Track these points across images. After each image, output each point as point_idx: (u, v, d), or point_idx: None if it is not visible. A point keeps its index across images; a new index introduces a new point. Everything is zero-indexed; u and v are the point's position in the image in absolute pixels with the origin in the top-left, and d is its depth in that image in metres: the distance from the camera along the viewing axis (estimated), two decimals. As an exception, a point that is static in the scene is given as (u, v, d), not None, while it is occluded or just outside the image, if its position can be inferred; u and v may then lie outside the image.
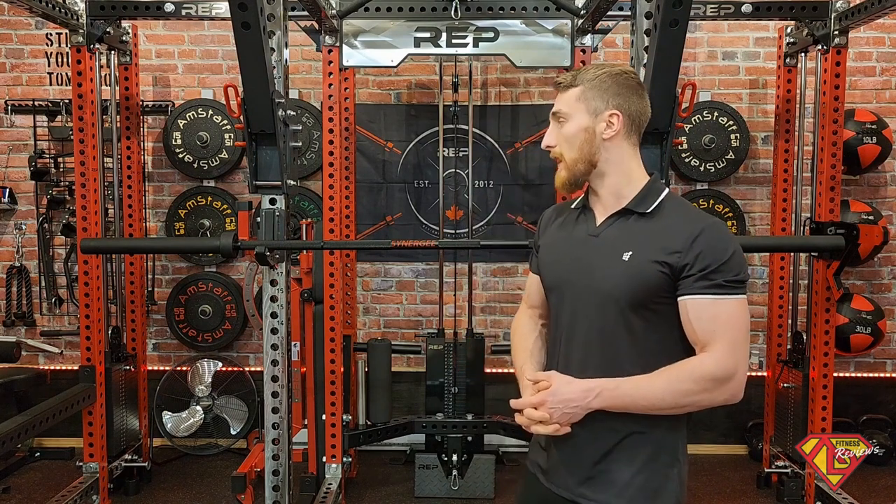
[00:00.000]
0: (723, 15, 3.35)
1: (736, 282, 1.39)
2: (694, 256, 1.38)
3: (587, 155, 1.48)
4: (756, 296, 4.23)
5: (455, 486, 3.57)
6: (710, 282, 1.37)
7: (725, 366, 1.37)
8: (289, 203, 2.65)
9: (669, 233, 1.42)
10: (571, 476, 1.49)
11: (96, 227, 3.31)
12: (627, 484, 1.44)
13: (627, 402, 1.39)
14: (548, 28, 3.28)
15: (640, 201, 1.48)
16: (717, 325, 1.38)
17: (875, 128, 3.86)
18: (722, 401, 1.40)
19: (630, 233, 1.46)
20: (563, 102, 1.50)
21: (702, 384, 1.37)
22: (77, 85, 3.25)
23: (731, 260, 1.38)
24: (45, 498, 3.35)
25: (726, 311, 1.38)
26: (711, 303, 1.38)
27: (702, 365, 1.38)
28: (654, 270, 1.40)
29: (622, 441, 1.45)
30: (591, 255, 1.49)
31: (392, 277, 4.32)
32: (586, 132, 1.47)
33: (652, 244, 1.42)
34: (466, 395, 3.75)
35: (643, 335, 1.43)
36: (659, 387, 1.38)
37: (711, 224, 1.42)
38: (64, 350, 4.27)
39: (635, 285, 1.41)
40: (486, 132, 4.19)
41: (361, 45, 3.31)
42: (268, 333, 2.69)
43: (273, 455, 2.73)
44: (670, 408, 1.40)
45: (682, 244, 1.39)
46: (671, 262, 1.39)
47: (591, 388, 1.40)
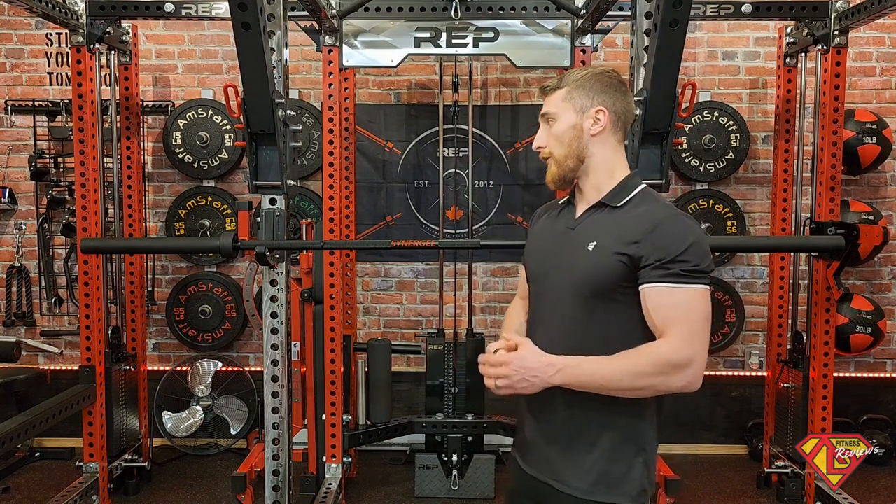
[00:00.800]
0: (723, 15, 3.35)
1: (694, 271, 1.42)
2: (651, 246, 1.42)
3: (576, 151, 1.55)
4: (756, 296, 4.24)
5: (455, 486, 3.57)
6: (667, 271, 1.41)
7: (682, 353, 1.40)
8: (289, 203, 2.65)
9: (631, 224, 1.47)
10: (543, 459, 1.56)
11: (96, 227, 3.31)
12: (591, 470, 1.49)
13: (586, 381, 1.43)
14: (548, 28, 3.28)
15: (615, 195, 1.54)
16: (675, 313, 1.41)
17: (875, 128, 3.86)
18: (678, 388, 1.42)
19: (599, 224, 1.53)
20: (550, 104, 1.58)
21: (658, 368, 1.40)
22: (77, 85, 3.25)
23: (689, 250, 1.41)
24: (45, 498, 3.35)
25: (684, 299, 1.41)
26: (669, 291, 1.42)
27: (658, 350, 1.41)
28: (614, 260, 1.45)
29: (589, 428, 1.50)
30: (565, 247, 1.56)
31: (392, 277, 4.32)
32: (574, 129, 1.54)
33: (614, 235, 1.47)
34: (466, 395, 3.75)
35: (608, 323, 1.48)
36: (617, 368, 1.41)
37: (672, 216, 1.46)
38: (64, 350, 4.27)
39: (597, 275, 1.47)
40: (486, 132, 4.19)
41: (361, 45, 3.31)
42: (268, 333, 2.69)
43: (273, 455, 2.73)
44: (627, 389, 1.42)
45: (641, 235, 1.44)
46: (630, 252, 1.44)
47: (554, 364, 1.43)
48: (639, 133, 2.52)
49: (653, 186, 2.54)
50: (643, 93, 2.47)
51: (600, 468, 1.49)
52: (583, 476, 1.50)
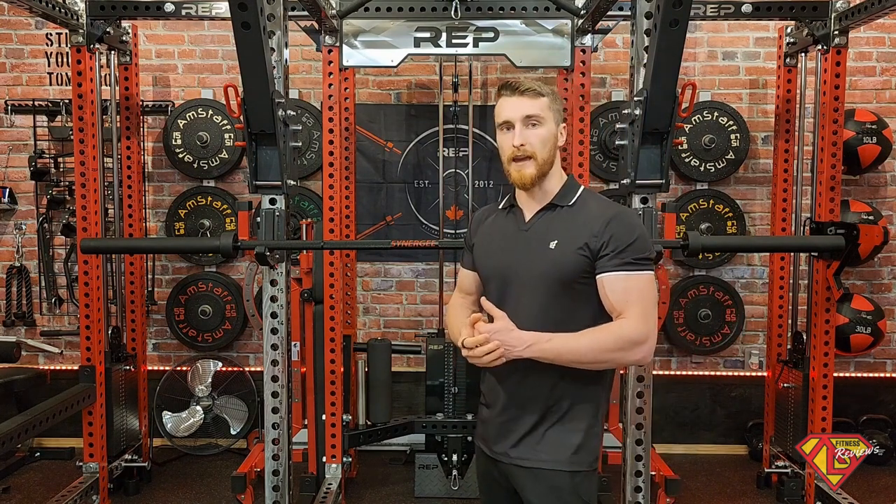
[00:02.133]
0: (723, 15, 3.35)
1: (643, 259, 1.64)
2: (607, 238, 1.63)
3: (552, 157, 1.73)
4: (756, 296, 4.24)
5: (455, 486, 3.57)
6: (621, 260, 1.62)
7: (640, 330, 1.61)
8: (289, 203, 2.65)
9: (587, 221, 1.68)
10: (508, 441, 1.73)
11: (96, 227, 3.31)
12: (557, 442, 1.69)
13: (554, 354, 1.61)
14: (548, 28, 3.28)
15: (563, 196, 1.75)
16: (630, 296, 1.62)
17: (875, 128, 3.86)
18: (634, 361, 1.66)
19: (554, 224, 1.72)
20: (537, 107, 1.71)
21: (619, 343, 1.60)
22: (77, 85, 3.25)
23: (638, 241, 1.64)
24: (45, 498, 3.35)
25: (637, 284, 1.63)
26: (624, 277, 1.63)
27: (620, 328, 1.62)
28: (576, 255, 1.65)
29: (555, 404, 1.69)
30: (523, 246, 1.73)
31: (392, 277, 4.32)
32: (554, 137, 1.73)
33: (573, 232, 1.68)
34: (466, 395, 3.74)
35: (571, 309, 1.68)
36: (584, 343, 1.61)
37: (621, 211, 1.70)
38: (64, 350, 4.27)
39: (561, 268, 1.66)
40: (486, 132, 4.19)
41: (361, 45, 3.31)
42: (268, 333, 2.70)
43: (273, 455, 2.73)
44: (592, 362, 1.62)
45: (598, 229, 1.65)
46: (590, 244, 1.65)
47: (525, 340, 1.61)
48: (639, 133, 2.52)
49: (653, 186, 2.60)
50: (643, 93, 2.47)
51: (568, 440, 1.68)
52: (549, 449, 1.68)
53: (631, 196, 2.64)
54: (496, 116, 1.75)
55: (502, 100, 1.73)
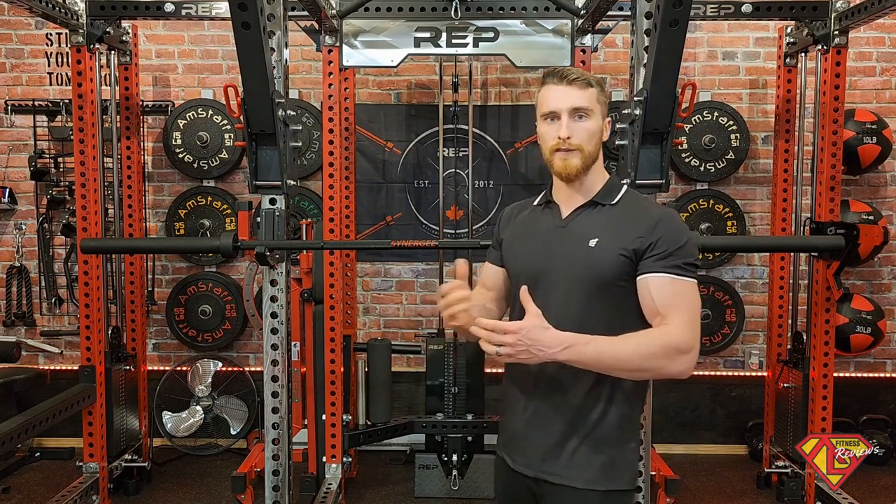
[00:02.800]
0: (723, 15, 3.35)
1: (691, 265, 1.54)
2: (656, 240, 1.52)
3: (597, 151, 1.63)
4: (756, 296, 4.24)
5: (455, 486, 3.57)
6: (669, 262, 1.51)
7: (687, 339, 1.49)
8: (289, 203, 2.65)
9: (632, 220, 1.57)
10: (535, 454, 1.60)
11: (96, 227, 3.31)
12: (587, 460, 1.55)
13: (593, 359, 1.47)
14: (548, 28, 3.28)
15: (605, 195, 1.64)
16: (677, 301, 1.51)
17: (875, 128, 3.86)
18: (676, 372, 1.49)
19: (595, 222, 1.61)
20: (586, 99, 1.59)
21: (666, 350, 1.47)
22: (77, 85, 3.25)
23: (687, 245, 1.54)
24: (45, 498, 3.35)
25: (685, 291, 1.52)
26: (671, 281, 1.51)
27: (668, 334, 1.49)
28: (616, 255, 1.54)
29: (584, 417, 1.56)
30: (560, 244, 1.62)
31: (392, 277, 4.32)
32: (600, 132, 1.63)
33: (616, 231, 1.57)
34: (466, 395, 3.75)
35: (607, 313, 1.56)
36: (627, 349, 1.47)
37: (669, 212, 1.59)
38: (64, 350, 4.27)
39: (601, 268, 1.55)
40: (486, 132, 4.19)
41: (361, 45, 3.31)
42: (268, 333, 2.69)
43: (273, 455, 2.73)
44: (633, 370, 1.49)
45: (645, 230, 1.54)
46: (634, 245, 1.53)
47: (563, 341, 1.45)
48: (639, 133, 2.52)
49: (653, 186, 2.59)
50: (643, 93, 2.47)
51: (599, 458, 1.55)
52: (580, 466, 1.55)
53: (631, 196, 2.64)
54: (539, 106, 1.64)
55: (547, 88, 1.62)
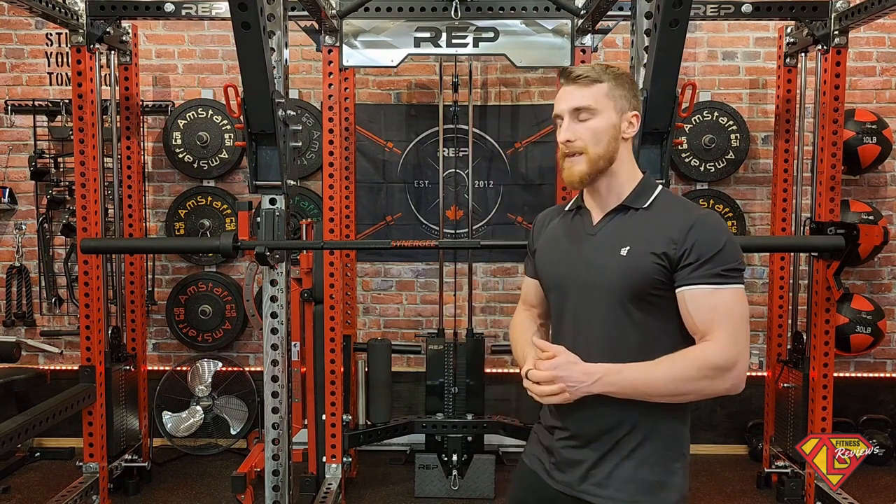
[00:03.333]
0: (723, 15, 3.35)
1: (732, 270, 1.41)
2: (689, 247, 1.41)
3: (611, 152, 1.51)
4: (756, 296, 4.24)
5: (455, 486, 3.57)
6: (706, 271, 1.40)
7: (727, 354, 1.38)
8: (289, 203, 2.65)
9: (665, 225, 1.45)
10: (575, 472, 1.50)
11: (96, 227, 3.31)
12: (630, 478, 1.46)
13: (628, 389, 1.41)
14: (548, 28, 3.28)
15: (637, 197, 1.52)
16: (716, 315, 1.40)
17: (875, 128, 3.86)
18: (724, 390, 1.41)
19: (627, 228, 1.50)
20: (591, 98, 1.50)
21: (703, 372, 1.38)
22: (77, 85, 3.25)
23: (725, 249, 1.41)
24: (45, 498, 3.35)
25: (724, 300, 1.40)
26: (709, 293, 1.40)
27: (703, 353, 1.40)
28: (650, 263, 1.43)
29: (626, 436, 1.46)
30: (590, 253, 1.52)
31: (392, 277, 4.32)
32: (614, 129, 1.50)
33: (648, 237, 1.45)
34: (466, 395, 3.75)
35: (645, 326, 1.46)
36: (661, 373, 1.39)
37: (705, 215, 1.46)
38: (64, 350, 4.27)
39: (634, 278, 1.44)
40: (486, 132, 4.19)
41: (361, 45, 3.31)
42: (268, 333, 2.69)
43: (273, 455, 2.73)
44: (671, 395, 1.41)
45: (678, 236, 1.42)
46: (668, 253, 1.42)
47: (593, 373, 1.41)
48: (639, 133, 2.50)
49: (652, 186, 2.58)
50: (643, 93, 2.47)
51: (642, 477, 1.46)
52: (623, 486, 1.46)
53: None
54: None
55: (559, 89, 1.54)
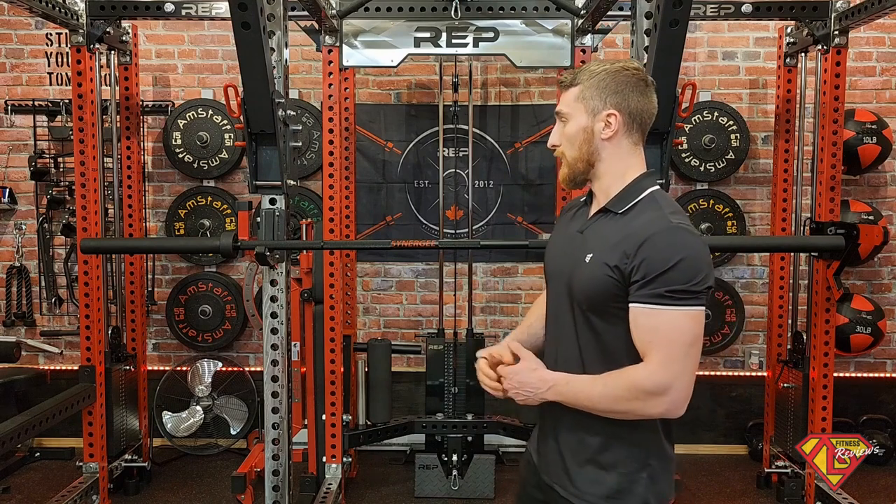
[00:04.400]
0: (723, 15, 3.35)
1: (680, 292, 1.32)
2: (638, 263, 1.34)
3: (586, 154, 1.48)
4: (756, 296, 4.24)
5: (455, 486, 3.57)
6: (650, 290, 1.33)
7: (656, 379, 1.34)
8: (289, 203, 2.65)
9: (626, 236, 1.39)
10: (553, 468, 1.54)
11: (96, 227, 3.31)
12: (594, 481, 1.47)
13: (572, 400, 1.43)
14: (548, 28, 3.28)
15: (618, 201, 1.47)
16: (654, 337, 1.35)
17: (875, 128, 3.86)
18: (657, 414, 1.38)
19: (598, 233, 1.47)
20: (564, 102, 1.50)
21: (633, 393, 1.36)
22: (77, 85, 3.25)
23: (675, 269, 1.32)
24: (45, 498, 3.35)
25: (666, 322, 1.33)
26: (652, 312, 1.34)
27: (634, 374, 1.36)
28: (605, 275, 1.39)
29: (593, 440, 1.46)
30: (570, 252, 1.51)
31: (392, 277, 4.32)
32: (585, 132, 1.47)
33: (608, 247, 1.41)
34: (466, 395, 3.75)
35: (605, 337, 1.44)
36: (597, 390, 1.40)
37: (665, 229, 1.36)
38: (64, 350, 4.26)
39: (591, 288, 1.42)
40: (486, 132, 4.19)
41: (361, 45, 3.31)
42: (268, 333, 2.69)
43: (273, 455, 2.73)
44: (607, 412, 1.41)
45: (631, 249, 1.36)
46: (620, 266, 1.37)
47: (547, 381, 1.45)
48: (639, 132, 2.52)
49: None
50: (643, 93, 2.47)
51: (603, 480, 1.46)
52: (586, 486, 1.47)
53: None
54: None
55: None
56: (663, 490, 1.48)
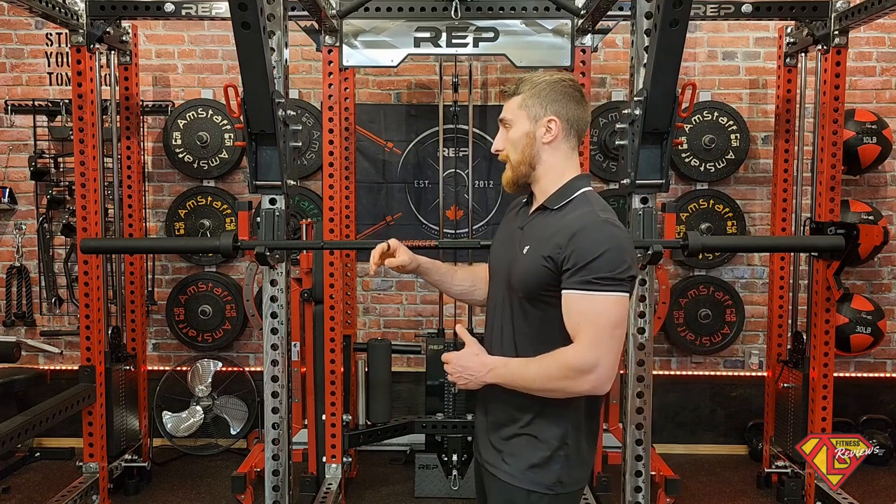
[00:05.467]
0: (723, 15, 3.35)
1: (606, 279, 1.47)
2: (569, 253, 1.49)
3: (528, 157, 1.62)
4: (756, 296, 4.24)
5: (455, 486, 3.57)
6: (580, 278, 1.48)
7: (585, 358, 1.47)
8: (289, 203, 2.65)
9: (558, 229, 1.54)
10: (483, 443, 1.68)
11: (96, 227, 3.31)
12: (517, 456, 1.59)
13: (510, 381, 1.55)
14: (548, 28, 3.28)
15: (555, 199, 1.62)
16: (583, 320, 1.48)
17: (875, 128, 3.86)
18: (585, 390, 1.50)
19: (536, 228, 1.61)
20: (507, 109, 1.64)
21: (563, 372, 1.49)
22: (77, 85, 3.25)
23: (602, 258, 1.46)
24: (45, 498, 3.35)
25: (593, 306, 1.47)
26: (580, 298, 1.49)
27: (564, 355, 1.49)
28: (540, 265, 1.53)
29: (518, 419, 1.59)
30: (510, 246, 1.66)
31: (392, 277, 4.32)
32: (528, 136, 1.61)
33: (544, 240, 1.55)
34: (466, 395, 3.74)
35: (540, 324, 1.57)
36: (532, 370, 1.52)
37: (593, 223, 1.51)
38: (64, 350, 4.27)
39: (527, 278, 1.56)
40: (486, 132, 4.19)
41: (361, 45, 3.31)
42: (268, 333, 2.69)
43: (273, 455, 2.73)
44: (541, 390, 1.53)
45: (563, 241, 1.50)
46: (553, 257, 1.51)
47: (487, 364, 1.58)
48: (639, 133, 2.52)
49: (653, 186, 2.59)
50: (643, 93, 2.47)
51: (525, 456, 1.58)
52: (510, 462, 1.59)
53: (631, 196, 2.64)
54: None
55: None
56: (576, 474, 1.61)
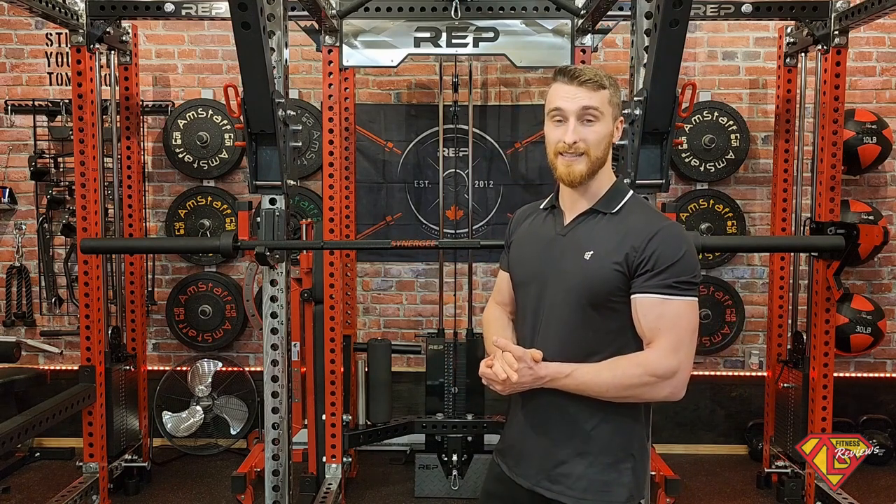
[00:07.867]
0: (723, 15, 3.35)
1: (685, 283, 1.46)
2: (647, 256, 1.45)
3: (605, 156, 1.56)
4: (756, 296, 4.24)
5: (455, 486, 3.57)
6: (659, 281, 1.45)
7: (667, 363, 1.44)
8: (289, 203, 2.65)
9: (628, 232, 1.49)
10: (532, 468, 1.57)
11: (96, 227, 3.31)
12: (580, 476, 1.52)
13: (577, 390, 1.48)
14: (548, 28, 3.28)
15: (607, 202, 1.57)
16: (662, 324, 1.45)
17: (875, 128, 3.86)
18: (662, 397, 1.47)
19: (593, 232, 1.54)
20: (596, 101, 1.52)
21: (643, 378, 1.44)
22: (77, 85, 3.25)
23: (682, 261, 1.45)
24: (45, 498, 3.35)
25: (673, 310, 1.45)
26: (660, 302, 1.45)
27: (645, 359, 1.46)
28: (610, 269, 1.48)
29: (580, 437, 1.53)
30: (557, 254, 1.57)
31: (392, 277, 4.32)
32: (609, 135, 1.56)
33: (611, 244, 1.50)
34: (466, 395, 3.75)
35: (602, 329, 1.51)
36: (606, 376, 1.46)
37: (668, 226, 1.50)
38: (64, 350, 4.27)
39: (594, 284, 1.49)
40: (486, 132, 4.19)
41: (361, 45, 3.31)
42: (268, 333, 2.69)
43: (273, 455, 2.73)
44: (615, 397, 1.47)
45: (639, 243, 1.47)
46: (627, 261, 1.47)
47: (542, 377, 1.47)
48: (639, 133, 2.52)
49: (652, 186, 2.59)
50: (643, 93, 2.47)
51: (591, 475, 1.51)
52: (573, 483, 1.52)
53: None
54: (547, 103, 1.58)
55: (557, 86, 1.55)
56: (642, 486, 1.57)
